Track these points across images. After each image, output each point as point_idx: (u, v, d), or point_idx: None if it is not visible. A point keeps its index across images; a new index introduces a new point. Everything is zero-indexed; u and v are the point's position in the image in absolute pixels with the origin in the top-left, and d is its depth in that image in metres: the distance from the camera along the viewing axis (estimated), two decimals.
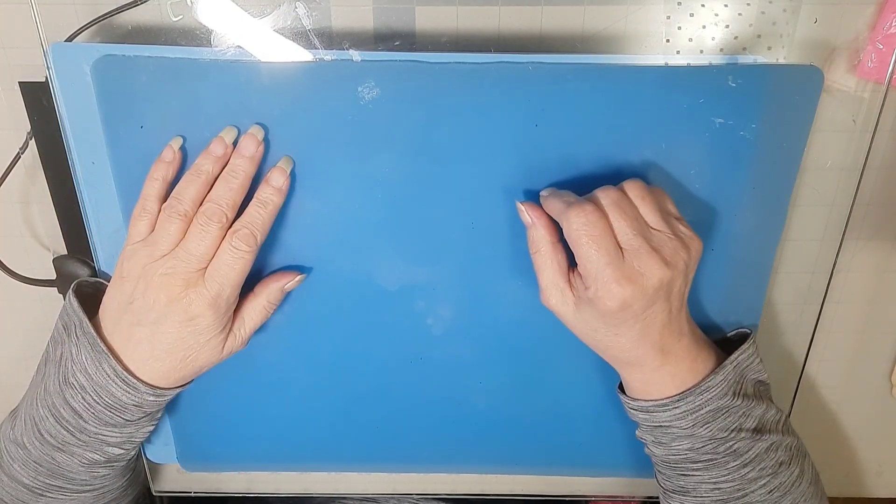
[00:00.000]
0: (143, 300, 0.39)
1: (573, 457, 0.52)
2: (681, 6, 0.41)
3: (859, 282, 0.50)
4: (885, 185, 0.47)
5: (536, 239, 0.40)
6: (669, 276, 0.37)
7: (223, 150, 0.40)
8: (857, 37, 0.42)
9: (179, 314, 0.39)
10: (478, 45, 0.42)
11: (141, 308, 0.40)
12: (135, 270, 0.40)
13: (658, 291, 0.37)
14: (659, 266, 0.37)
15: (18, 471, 0.44)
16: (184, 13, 0.41)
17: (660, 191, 0.40)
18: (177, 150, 0.41)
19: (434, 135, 0.41)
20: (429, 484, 0.56)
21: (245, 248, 0.39)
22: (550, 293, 0.40)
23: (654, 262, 0.37)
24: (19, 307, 0.52)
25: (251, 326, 0.43)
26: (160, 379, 0.42)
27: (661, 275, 0.37)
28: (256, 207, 0.40)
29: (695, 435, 0.41)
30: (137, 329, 0.40)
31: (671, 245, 0.37)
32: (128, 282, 0.40)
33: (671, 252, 0.37)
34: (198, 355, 0.42)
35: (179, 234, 0.39)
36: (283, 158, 0.41)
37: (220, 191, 0.39)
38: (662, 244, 0.37)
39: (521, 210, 0.41)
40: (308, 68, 0.40)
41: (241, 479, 0.56)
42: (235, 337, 0.43)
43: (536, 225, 0.40)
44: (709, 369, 0.41)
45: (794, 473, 0.42)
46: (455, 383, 0.49)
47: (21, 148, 0.46)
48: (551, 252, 0.40)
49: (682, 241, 0.38)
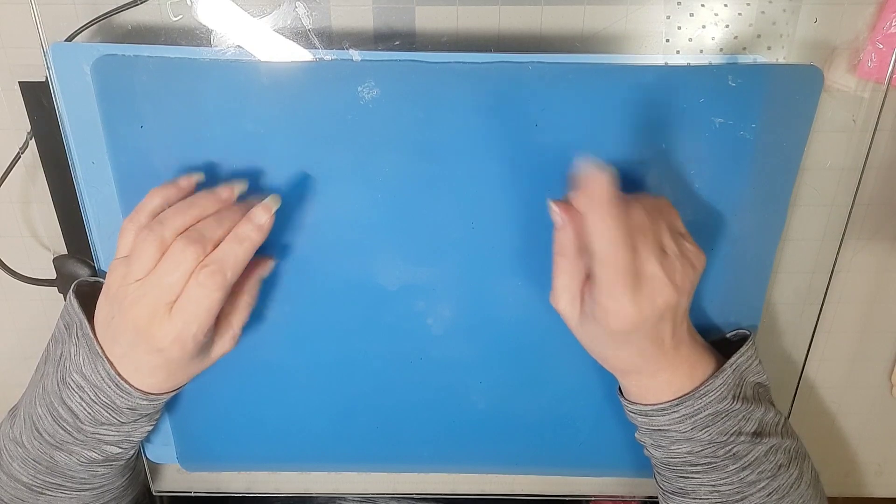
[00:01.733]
0: (118, 321, 0.39)
1: (573, 457, 0.52)
2: (681, 6, 0.41)
3: (859, 282, 0.50)
4: (885, 185, 0.47)
5: (564, 242, 0.38)
6: (677, 299, 0.37)
7: (228, 195, 0.39)
8: (857, 37, 0.42)
9: (146, 345, 0.38)
10: (478, 45, 0.42)
11: (117, 328, 0.39)
12: (112, 288, 0.39)
13: (665, 314, 0.37)
14: (670, 292, 0.36)
15: (18, 469, 0.44)
16: (184, 13, 0.41)
17: (666, 204, 0.40)
18: (193, 184, 0.40)
19: (434, 135, 0.41)
20: (429, 484, 0.56)
21: (212, 285, 0.36)
22: (561, 296, 0.39)
23: (665, 287, 0.36)
24: (19, 307, 0.52)
25: (239, 325, 0.42)
26: (150, 387, 0.41)
27: (671, 299, 0.36)
28: (231, 244, 0.38)
29: (694, 438, 0.41)
30: (117, 346, 0.40)
31: (681, 268, 0.37)
32: (109, 297, 0.39)
33: (681, 276, 0.37)
34: (184, 369, 0.41)
35: (153, 261, 0.37)
36: (270, 196, 0.39)
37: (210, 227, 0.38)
38: (674, 268, 0.37)
39: (553, 210, 0.38)
40: (308, 68, 0.40)
41: (241, 479, 0.56)
42: (223, 340, 0.42)
43: (567, 229, 0.38)
44: (707, 375, 0.41)
45: (794, 476, 0.42)
46: (455, 383, 0.49)
47: (21, 148, 0.46)
48: (575, 258, 0.38)
49: (690, 260, 0.38)
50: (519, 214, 0.43)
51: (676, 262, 0.37)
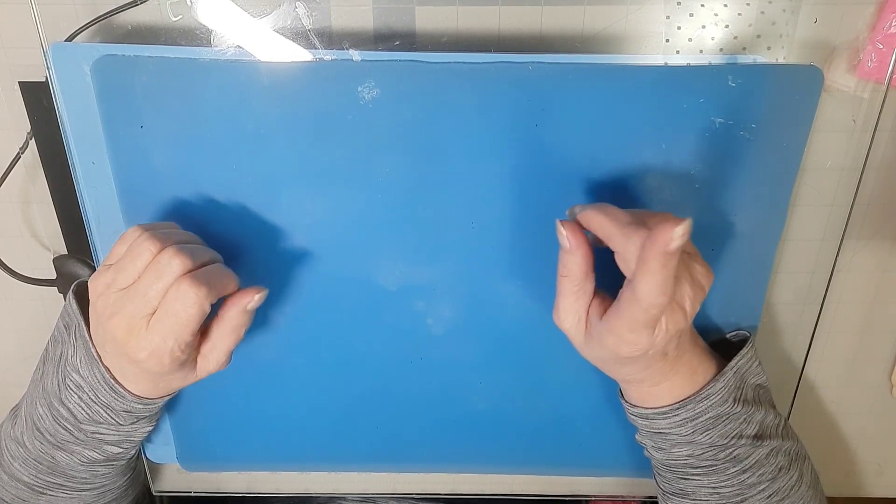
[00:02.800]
0: (102, 329, 0.39)
1: (573, 457, 0.52)
2: (680, 6, 0.41)
3: (859, 282, 0.50)
4: (885, 185, 0.47)
5: (570, 265, 0.37)
6: (686, 324, 0.36)
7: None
8: (857, 37, 0.42)
9: (126, 356, 0.38)
10: (478, 45, 0.42)
11: (102, 336, 0.39)
12: (94, 294, 0.38)
13: (673, 338, 0.37)
14: (682, 319, 0.36)
15: (19, 469, 0.44)
16: (184, 13, 0.41)
17: None
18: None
19: (434, 135, 0.41)
20: (429, 484, 0.56)
21: (190, 299, 0.36)
22: (566, 317, 0.39)
23: (679, 316, 0.36)
24: (19, 307, 0.52)
25: (224, 349, 0.40)
26: (143, 393, 0.41)
27: (681, 326, 0.36)
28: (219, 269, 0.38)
29: (695, 442, 0.41)
30: (104, 352, 0.40)
31: (692, 294, 0.36)
32: (92, 304, 0.39)
33: (692, 302, 0.36)
34: (168, 382, 0.41)
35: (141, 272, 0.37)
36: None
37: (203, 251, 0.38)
38: (684, 295, 0.36)
39: (561, 233, 0.37)
40: (308, 68, 0.40)
41: (241, 479, 0.56)
42: (208, 360, 0.41)
43: (574, 252, 0.37)
44: (708, 378, 0.41)
45: (794, 478, 0.42)
46: (455, 383, 0.49)
47: (21, 148, 0.46)
48: (581, 281, 0.38)
49: (700, 282, 0.36)
50: (519, 214, 0.43)
51: (687, 286, 0.36)
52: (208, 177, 0.42)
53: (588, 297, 0.38)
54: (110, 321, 0.37)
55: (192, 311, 0.36)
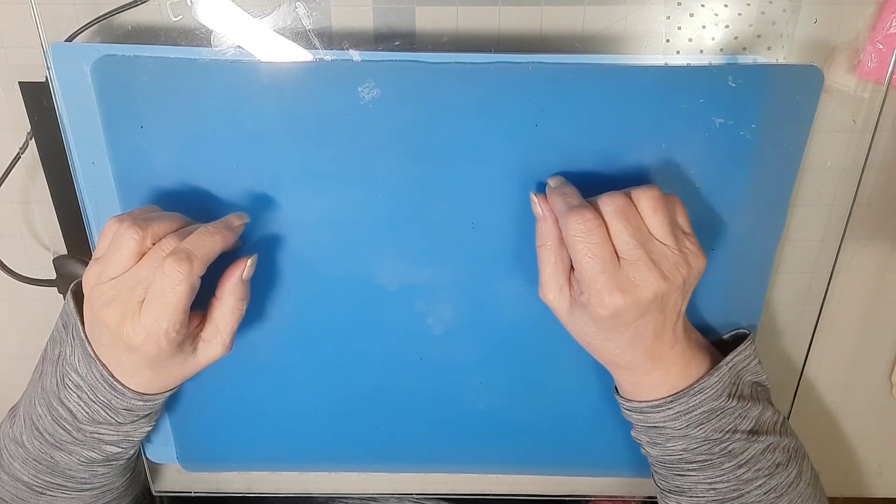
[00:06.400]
0: (95, 323, 0.39)
1: (573, 457, 0.52)
2: (681, 6, 0.41)
3: (859, 282, 0.50)
4: (885, 185, 0.47)
5: (544, 233, 0.40)
6: (665, 289, 0.37)
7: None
8: (857, 37, 0.42)
9: (122, 344, 0.38)
10: (478, 45, 0.42)
11: (96, 331, 0.39)
12: (86, 289, 0.39)
13: (651, 304, 0.37)
14: (655, 279, 0.36)
15: (18, 469, 0.44)
16: (184, 13, 0.41)
17: (674, 200, 0.39)
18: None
19: (434, 135, 0.41)
20: (429, 484, 0.56)
21: (177, 276, 0.36)
22: (549, 288, 0.40)
23: (650, 274, 0.36)
24: (19, 307, 0.52)
25: (227, 331, 0.41)
26: (140, 387, 0.41)
27: (657, 288, 0.36)
28: (200, 234, 0.38)
29: (689, 436, 0.41)
30: (101, 346, 0.40)
31: (672, 259, 0.37)
32: (86, 298, 0.39)
33: (670, 266, 0.37)
34: (168, 371, 0.41)
35: (129, 260, 0.37)
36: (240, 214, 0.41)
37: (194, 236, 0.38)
38: (663, 257, 0.37)
39: (534, 202, 0.40)
40: (308, 68, 0.40)
41: (241, 479, 0.56)
42: (211, 345, 0.41)
43: (547, 219, 0.40)
44: (702, 372, 0.41)
45: (792, 474, 0.42)
46: (455, 383, 0.49)
47: (21, 148, 0.46)
48: (557, 248, 0.40)
49: (686, 256, 0.37)
50: (519, 214, 0.43)
51: (668, 252, 0.37)
52: (208, 177, 0.42)
53: (565, 263, 0.40)
54: (103, 310, 0.37)
55: (181, 289, 0.36)
